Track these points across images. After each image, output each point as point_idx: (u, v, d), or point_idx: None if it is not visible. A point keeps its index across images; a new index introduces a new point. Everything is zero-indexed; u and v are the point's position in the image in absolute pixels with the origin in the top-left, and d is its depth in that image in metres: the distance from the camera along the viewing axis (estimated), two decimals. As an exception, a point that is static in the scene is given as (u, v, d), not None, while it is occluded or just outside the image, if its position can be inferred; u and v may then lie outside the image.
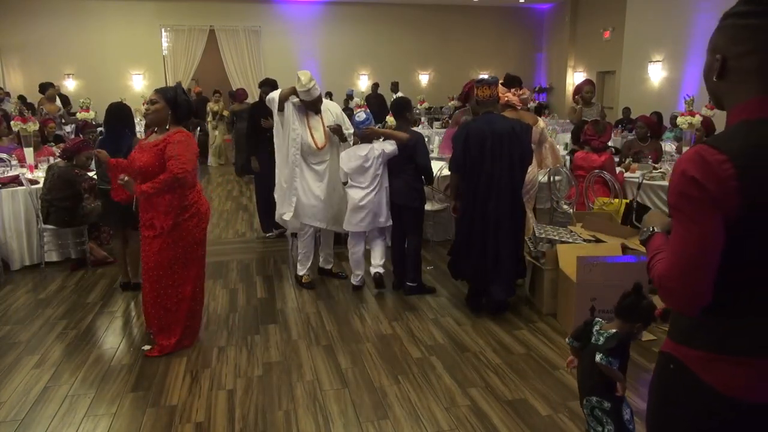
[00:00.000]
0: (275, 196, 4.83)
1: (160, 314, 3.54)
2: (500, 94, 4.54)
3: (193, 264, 3.56)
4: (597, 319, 2.40)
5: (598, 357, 2.23)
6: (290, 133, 4.51)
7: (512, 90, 4.84)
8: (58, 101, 10.68)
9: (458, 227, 4.16)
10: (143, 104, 3.52)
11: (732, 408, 1.26)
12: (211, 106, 11.94)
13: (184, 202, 3.44)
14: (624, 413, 2.29)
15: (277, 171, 4.75)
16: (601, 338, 2.28)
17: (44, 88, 10.64)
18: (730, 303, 1.26)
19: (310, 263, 4.82)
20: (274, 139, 4.74)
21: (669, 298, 1.28)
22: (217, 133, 12.02)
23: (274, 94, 4.60)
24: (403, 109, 4.60)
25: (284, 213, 4.65)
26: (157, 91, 3.50)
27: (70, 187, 5.11)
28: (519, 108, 4.75)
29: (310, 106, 4.52)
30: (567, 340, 2.43)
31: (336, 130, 4.57)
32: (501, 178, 3.91)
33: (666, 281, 1.28)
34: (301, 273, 4.81)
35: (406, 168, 4.39)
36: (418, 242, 4.55)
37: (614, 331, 2.27)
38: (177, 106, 3.48)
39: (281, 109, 4.53)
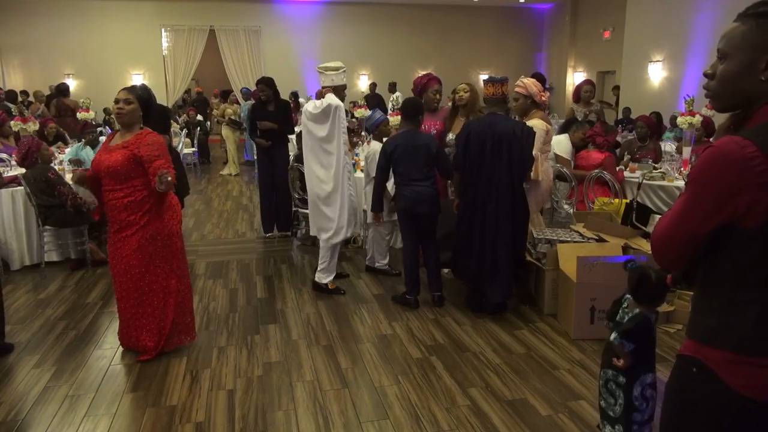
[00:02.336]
0: (325, 210, 4.51)
1: (148, 312, 3.47)
2: (540, 93, 4.51)
3: (174, 256, 3.49)
4: (626, 296, 2.43)
5: (612, 336, 2.34)
6: (342, 138, 4.33)
7: (544, 91, 4.79)
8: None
9: (458, 227, 4.16)
10: (115, 104, 3.33)
11: (761, 414, 1.22)
12: (234, 109, 10.99)
13: (161, 196, 3.37)
14: (634, 389, 2.36)
15: (334, 183, 4.42)
16: (626, 317, 2.36)
17: (61, 89, 10.66)
18: (759, 299, 1.23)
19: None
20: (330, 145, 4.41)
21: (654, 255, 1.39)
22: (228, 136, 10.84)
23: (338, 101, 4.37)
24: (419, 111, 4.28)
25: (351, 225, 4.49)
26: (130, 91, 3.36)
27: (52, 188, 5.10)
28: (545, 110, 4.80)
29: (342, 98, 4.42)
30: (604, 323, 2.49)
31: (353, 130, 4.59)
32: (500, 180, 3.90)
33: (653, 240, 1.38)
34: (326, 281, 4.61)
35: (429, 174, 4.15)
36: (438, 249, 4.35)
37: (637, 311, 2.35)
38: (150, 106, 3.42)
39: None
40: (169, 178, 3.17)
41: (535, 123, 4.31)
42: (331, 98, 4.32)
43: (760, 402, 1.22)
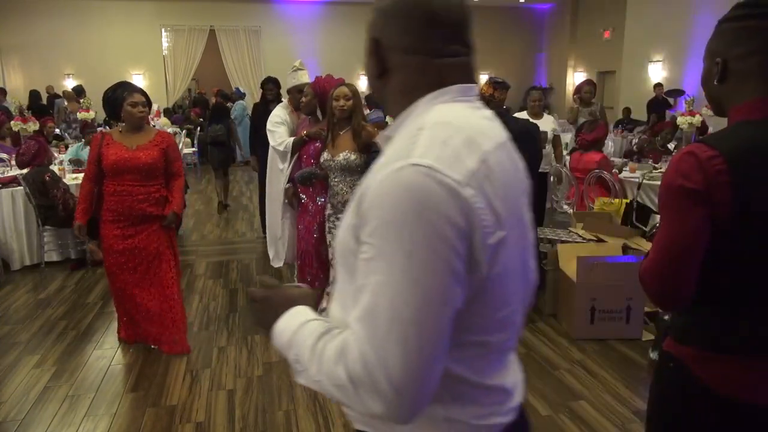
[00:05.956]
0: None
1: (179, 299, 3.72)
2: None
3: None
4: (665, 318, 2.28)
5: None
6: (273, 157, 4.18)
7: None
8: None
9: None
10: (133, 107, 3.39)
11: (727, 408, 1.26)
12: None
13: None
14: None
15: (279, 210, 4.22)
16: None
17: (78, 91, 10.71)
18: (724, 300, 1.27)
19: None
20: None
21: (648, 293, 1.32)
22: None
23: (274, 113, 4.33)
24: None
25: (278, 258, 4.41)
26: (142, 93, 3.51)
27: (47, 190, 5.09)
28: None
29: (298, 100, 4.22)
30: (651, 354, 2.32)
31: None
32: None
33: (644, 275, 1.31)
34: None
35: None
36: None
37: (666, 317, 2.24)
38: (149, 105, 3.65)
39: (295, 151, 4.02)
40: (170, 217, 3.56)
41: None
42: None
43: (728, 398, 1.25)
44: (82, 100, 9.09)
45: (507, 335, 1.00)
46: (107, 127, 9.73)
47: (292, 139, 4.07)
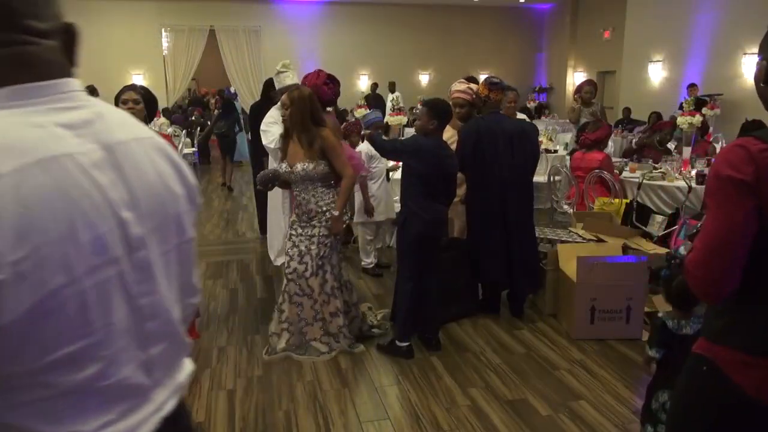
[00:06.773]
0: None
1: None
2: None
3: None
4: (659, 315, 2.31)
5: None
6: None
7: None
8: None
9: (474, 230, 4.07)
10: (124, 104, 3.22)
11: (762, 414, 1.24)
12: None
13: None
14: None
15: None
16: (688, 326, 2.22)
17: (90, 91, 10.73)
18: None
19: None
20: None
21: (693, 285, 1.30)
22: None
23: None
24: (450, 118, 3.65)
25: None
26: (136, 91, 3.36)
27: None
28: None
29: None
30: (650, 352, 2.33)
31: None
32: (517, 176, 3.91)
33: (692, 267, 1.29)
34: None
35: (444, 191, 3.51)
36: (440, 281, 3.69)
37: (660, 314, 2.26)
38: (153, 105, 3.48)
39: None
40: None
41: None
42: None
43: (764, 403, 1.23)
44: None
45: (90, 372, 0.84)
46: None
47: (279, 134, 4.05)
